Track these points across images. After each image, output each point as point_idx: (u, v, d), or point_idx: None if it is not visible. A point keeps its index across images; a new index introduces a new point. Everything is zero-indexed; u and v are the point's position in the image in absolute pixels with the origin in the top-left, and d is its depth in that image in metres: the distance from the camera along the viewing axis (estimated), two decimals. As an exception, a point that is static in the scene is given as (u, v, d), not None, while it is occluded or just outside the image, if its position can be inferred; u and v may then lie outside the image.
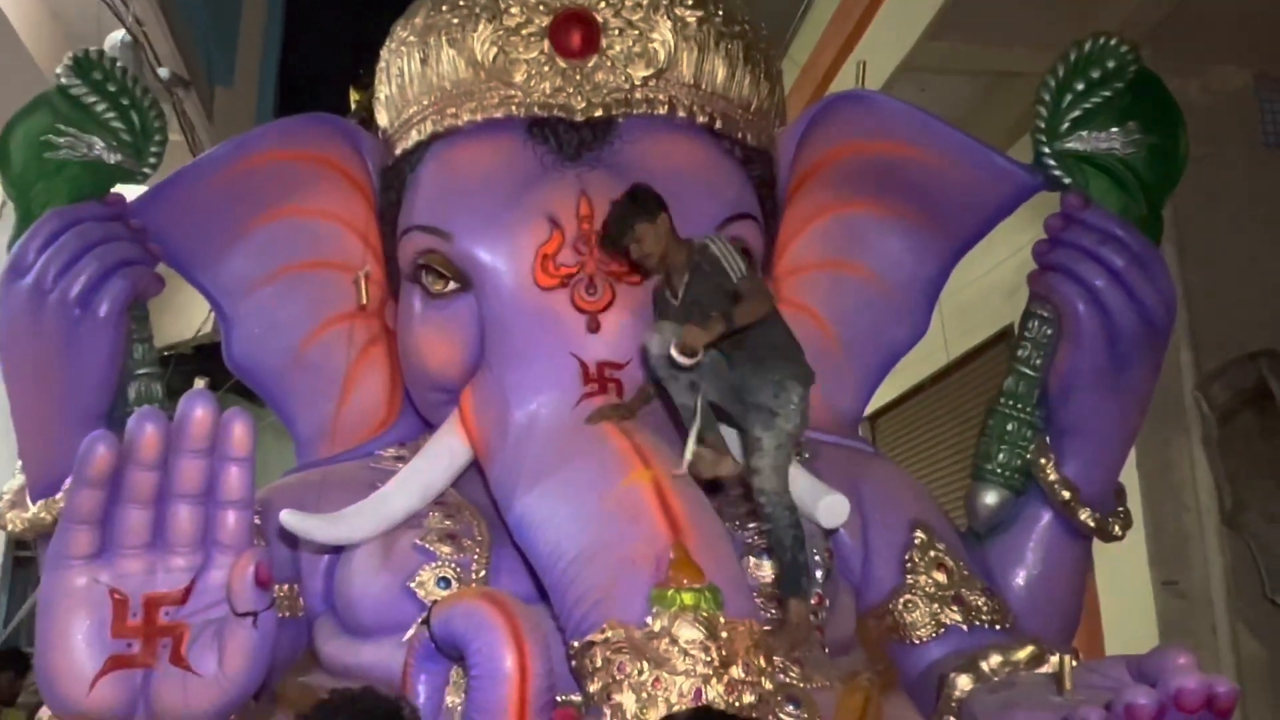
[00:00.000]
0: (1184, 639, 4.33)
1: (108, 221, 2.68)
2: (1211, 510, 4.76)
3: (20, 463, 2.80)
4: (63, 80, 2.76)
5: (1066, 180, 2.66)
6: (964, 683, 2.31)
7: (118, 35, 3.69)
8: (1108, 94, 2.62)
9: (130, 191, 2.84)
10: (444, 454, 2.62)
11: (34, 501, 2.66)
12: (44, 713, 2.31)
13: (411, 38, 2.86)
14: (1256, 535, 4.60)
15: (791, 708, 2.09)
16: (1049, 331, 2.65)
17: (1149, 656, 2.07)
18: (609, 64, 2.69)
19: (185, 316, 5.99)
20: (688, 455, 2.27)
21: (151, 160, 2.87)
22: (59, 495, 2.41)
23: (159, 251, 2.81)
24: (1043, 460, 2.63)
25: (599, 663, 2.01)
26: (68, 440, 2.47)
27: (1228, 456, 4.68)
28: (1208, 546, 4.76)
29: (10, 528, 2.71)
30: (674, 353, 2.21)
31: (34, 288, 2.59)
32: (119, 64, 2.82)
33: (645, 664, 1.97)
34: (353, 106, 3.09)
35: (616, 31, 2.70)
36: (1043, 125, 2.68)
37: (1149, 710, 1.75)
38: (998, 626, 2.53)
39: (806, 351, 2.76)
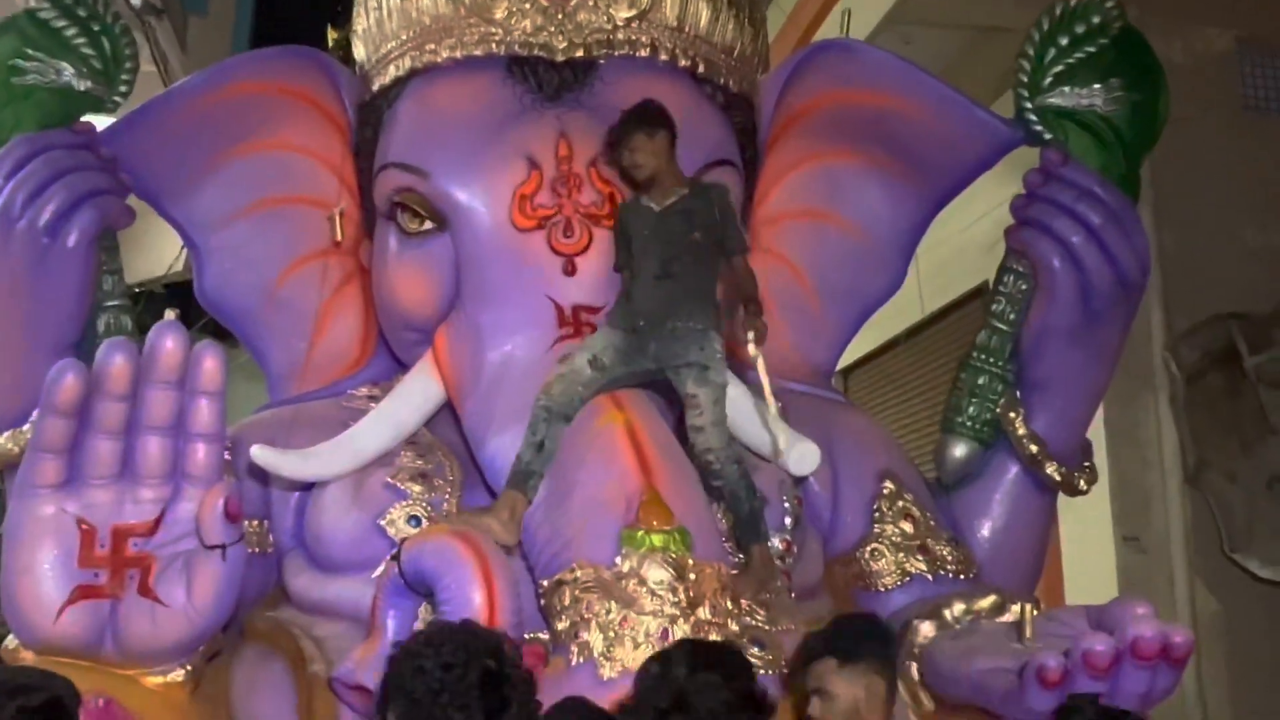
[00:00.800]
0: (1143, 592, 4.32)
1: (77, 150, 2.65)
2: (1175, 468, 4.86)
3: None
4: (32, 3, 2.74)
5: (1047, 136, 2.68)
6: (927, 630, 2.38)
7: None
8: (1091, 50, 2.65)
9: (100, 121, 2.82)
10: (417, 393, 2.63)
11: (2, 431, 2.65)
12: (10, 641, 2.34)
13: None
14: (1217, 493, 4.70)
15: (756, 649, 2.08)
16: (1024, 287, 2.68)
17: (1108, 607, 2.16)
18: (591, 3, 2.68)
19: (156, 252, 5.91)
20: None
21: (122, 89, 2.84)
22: (26, 426, 2.42)
23: (129, 182, 2.77)
24: (1012, 414, 2.67)
25: (567, 601, 2.06)
26: (35, 371, 2.46)
27: (1193, 416, 4.76)
28: (1170, 503, 4.87)
29: None
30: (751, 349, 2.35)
31: (8, 218, 2.57)
32: None
33: (613, 604, 2.01)
34: (330, 44, 2.99)
35: None
36: (1025, 80, 2.71)
37: (1105, 657, 1.86)
38: (962, 576, 2.59)
39: (783, 302, 2.89)
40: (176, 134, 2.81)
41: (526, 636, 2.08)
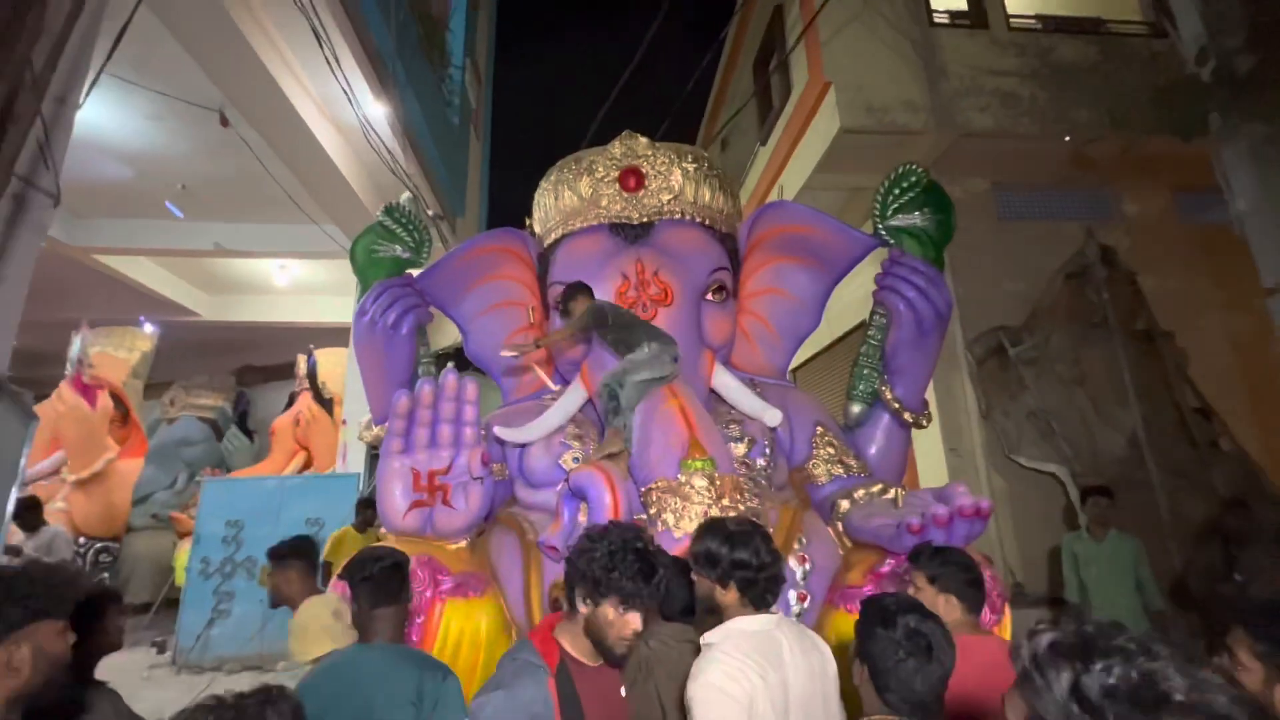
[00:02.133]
0: (961, 480, 4.45)
1: (404, 287, 2.95)
2: (974, 410, 5.20)
3: (369, 407, 3.04)
4: (381, 217, 3.08)
5: (891, 241, 2.92)
6: (844, 504, 2.53)
7: (405, 194, 3.86)
8: (912, 194, 2.87)
9: (414, 271, 3.09)
10: (574, 395, 2.80)
11: (376, 426, 2.93)
12: (383, 530, 2.49)
13: (549, 185, 3.13)
14: (997, 423, 5.03)
15: (754, 519, 2.10)
16: (884, 321, 2.89)
17: (943, 489, 2.31)
18: (650, 193, 2.92)
19: (445, 333, 6.11)
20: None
21: (425, 255, 3.15)
22: (385, 423, 2.61)
23: (430, 300, 3.07)
24: (883, 387, 2.85)
25: (654, 499, 2.16)
26: (388, 396, 2.70)
27: (982, 383, 5.13)
28: (973, 430, 5.14)
29: (365, 439, 3.01)
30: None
31: (370, 321, 2.86)
32: (406, 208, 3.13)
33: (677, 499, 2.11)
34: (528, 223, 3.21)
35: (653, 177, 2.97)
36: (878, 210, 2.96)
37: (944, 516, 1.92)
38: (862, 475, 2.73)
39: (758, 336, 3.09)
40: (452, 275, 3.08)
41: (634, 518, 2.13)
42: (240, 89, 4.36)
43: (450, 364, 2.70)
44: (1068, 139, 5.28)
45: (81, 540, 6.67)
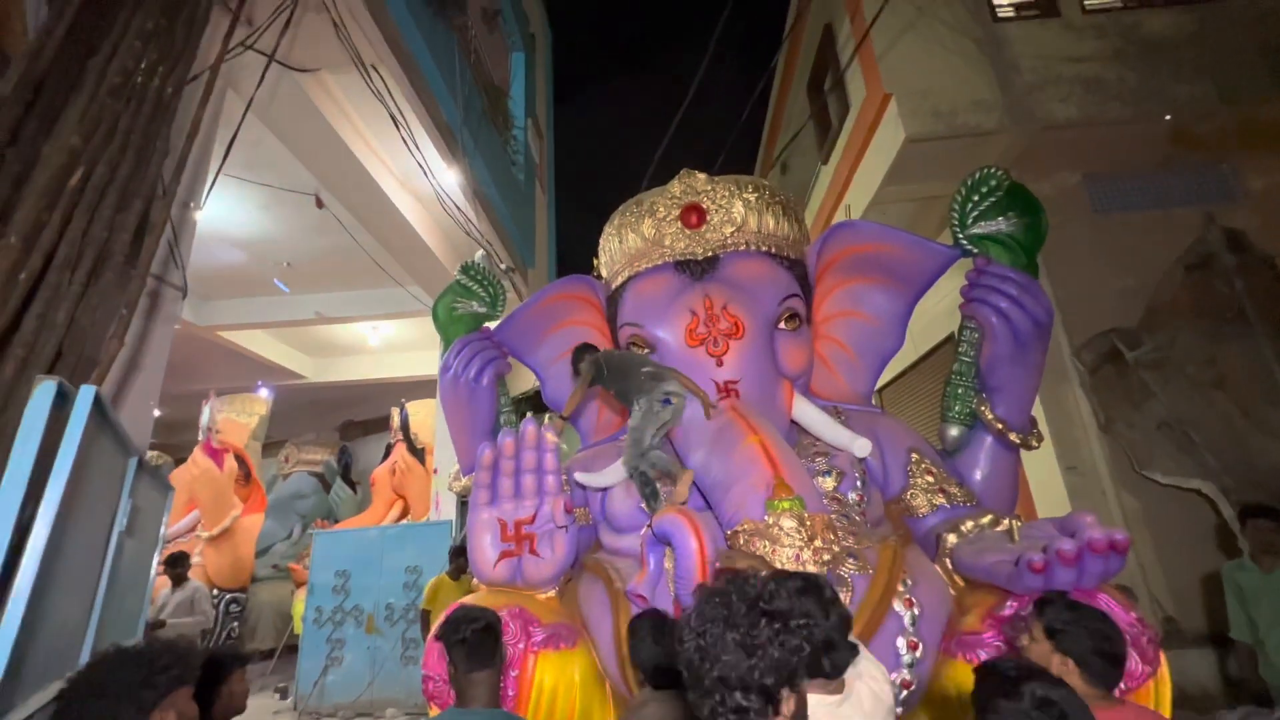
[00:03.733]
0: (1083, 503, 4.23)
1: (483, 340, 3.05)
2: (1091, 424, 4.65)
3: (456, 458, 3.15)
4: (458, 276, 3.23)
5: (975, 250, 2.72)
6: (951, 539, 2.34)
7: (479, 252, 4.07)
8: (992, 199, 2.71)
9: (492, 325, 3.21)
10: None
11: (464, 476, 3.01)
12: (474, 580, 2.54)
13: (613, 230, 3.14)
14: (1121, 435, 4.47)
15: (851, 560, 2.08)
16: (976, 335, 2.68)
17: (1067, 518, 2.08)
18: (712, 228, 2.87)
19: (523, 380, 6.29)
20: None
21: (500, 309, 3.24)
22: (472, 474, 2.62)
23: (508, 350, 3.15)
24: (983, 407, 2.63)
25: (741, 542, 2.03)
26: (474, 447, 2.78)
27: (1098, 392, 4.60)
28: (1093, 445, 4.47)
29: (455, 490, 3.09)
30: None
31: (453, 376, 2.97)
32: (481, 265, 3.29)
33: (766, 542, 1.99)
34: (595, 266, 3.28)
35: (714, 211, 2.89)
36: (956, 220, 2.77)
37: (1072, 553, 1.70)
38: (968, 504, 2.51)
39: (837, 362, 2.94)
40: (526, 325, 3.16)
41: (718, 565, 1.97)
42: (331, 173, 4.85)
43: (529, 413, 2.76)
44: (1169, 118, 4.83)
45: (215, 592, 7.22)
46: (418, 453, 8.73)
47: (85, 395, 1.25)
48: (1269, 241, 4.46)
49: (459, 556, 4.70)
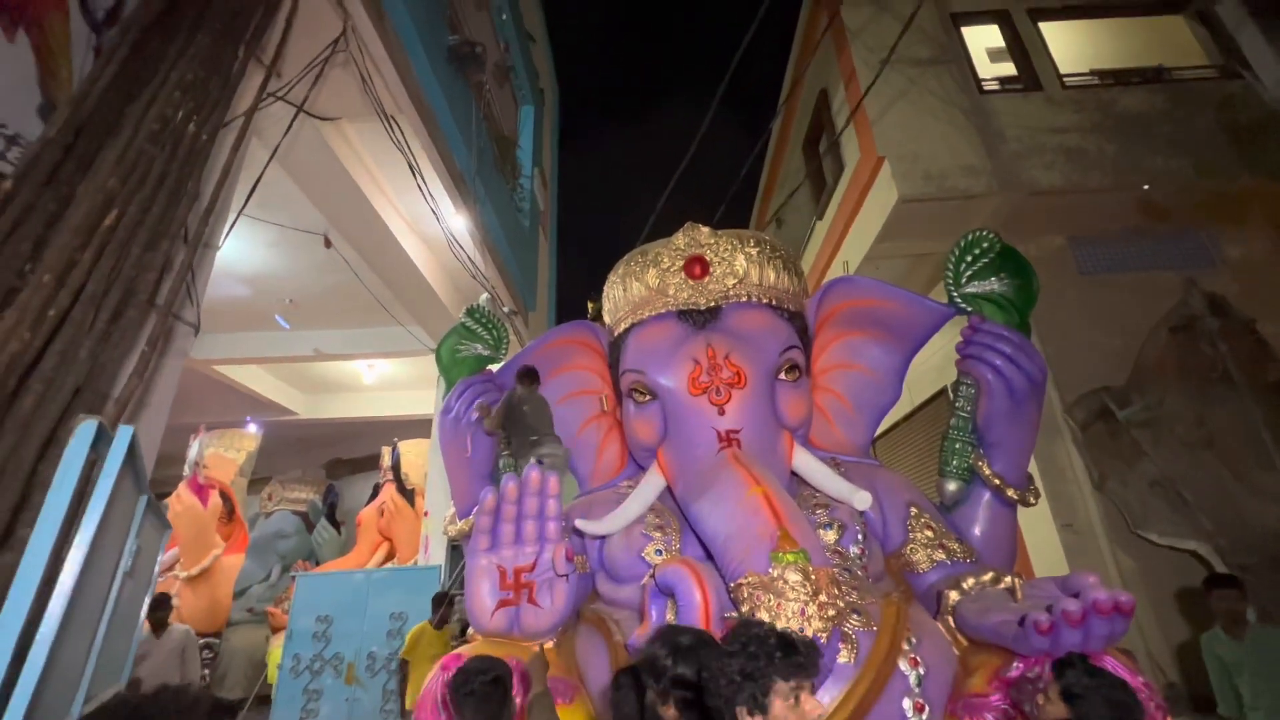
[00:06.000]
0: (1081, 561, 4.25)
1: (486, 383, 3.06)
2: (1085, 481, 4.70)
3: (452, 500, 3.10)
4: (463, 318, 3.23)
5: (969, 309, 2.78)
6: (953, 596, 2.32)
7: (483, 295, 4.13)
8: (985, 260, 2.78)
9: (495, 367, 3.21)
10: (652, 484, 2.71)
11: (460, 520, 2.96)
12: (471, 630, 2.50)
13: (616, 278, 3.18)
14: (1115, 493, 4.49)
15: (855, 616, 2.09)
16: (972, 391, 2.70)
17: (1070, 578, 2.01)
18: (715, 279, 2.91)
19: None
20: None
21: (503, 352, 3.25)
22: (471, 517, 2.59)
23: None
24: (980, 463, 2.63)
25: (745, 595, 2.01)
26: (472, 490, 2.83)
27: (1091, 450, 4.66)
28: (1088, 503, 4.52)
29: (449, 534, 3.02)
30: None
31: (454, 418, 2.95)
32: (485, 308, 3.29)
33: (771, 595, 1.96)
34: (589, 309, 3.34)
35: (717, 263, 2.93)
36: (950, 280, 2.82)
37: (1077, 614, 1.68)
38: (968, 560, 2.49)
39: (835, 413, 2.99)
40: None
41: (725, 616, 2.02)
42: (342, 215, 4.97)
43: (535, 461, 2.73)
44: (1146, 187, 5.08)
45: (188, 637, 7.07)
46: (407, 494, 8.56)
47: (123, 435, 1.26)
48: (1248, 307, 4.65)
49: (442, 604, 4.57)
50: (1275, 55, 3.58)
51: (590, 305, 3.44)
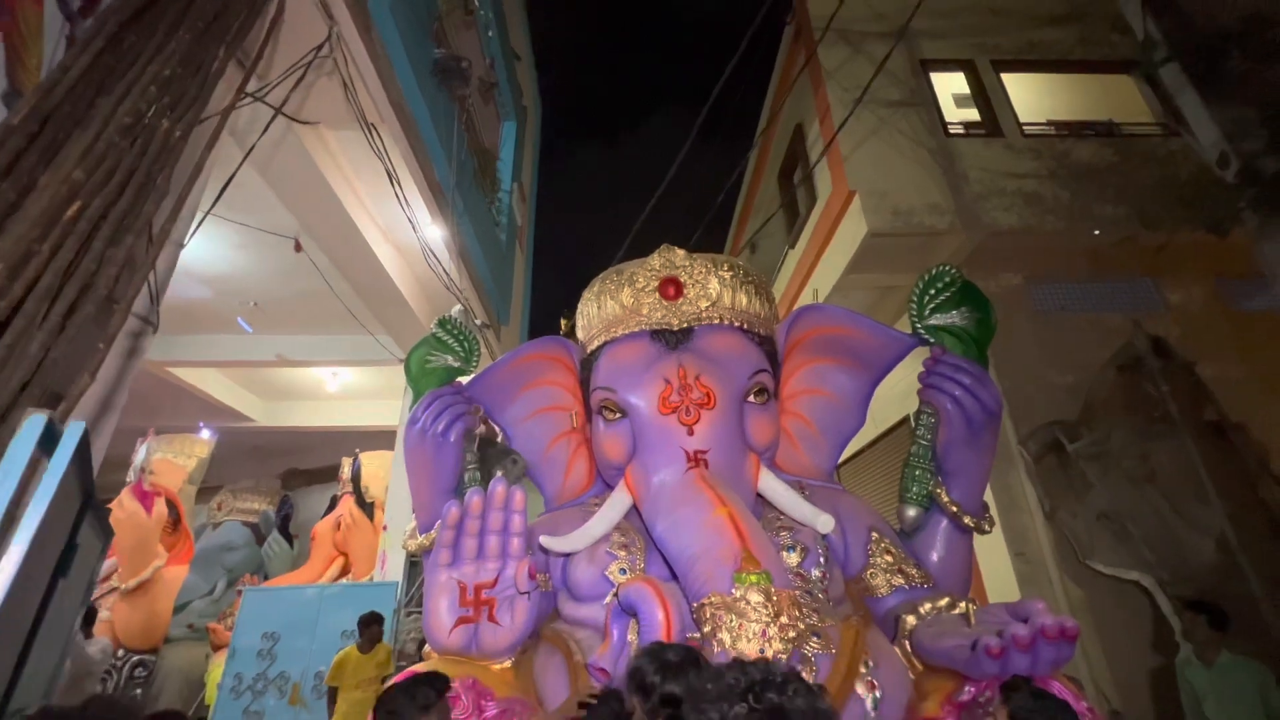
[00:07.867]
0: (1032, 589, 4.39)
1: (454, 395, 2.96)
2: (1037, 511, 4.88)
3: (414, 514, 3.01)
4: (434, 329, 3.13)
5: (931, 339, 2.85)
6: (910, 620, 2.36)
7: (456, 307, 4.09)
8: (947, 294, 2.85)
9: (464, 379, 3.11)
10: (619, 502, 2.68)
11: (421, 534, 2.86)
12: (427, 648, 2.46)
13: (591, 296, 3.17)
14: (1064, 523, 4.70)
15: (815, 639, 2.07)
16: (932, 420, 2.75)
17: (1020, 604, 2.09)
18: (688, 301, 2.93)
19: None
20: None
21: (474, 365, 3.17)
22: (432, 531, 2.62)
23: (478, 407, 3.06)
24: (939, 490, 2.68)
25: (708, 615, 2.01)
26: (436, 503, 2.74)
27: (1043, 481, 4.85)
28: (1039, 532, 4.75)
29: (408, 548, 2.92)
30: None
31: (420, 429, 2.82)
32: (458, 320, 3.22)
33: (733, 616, 1.96)
34: (562, 326, 3.34)
35: (690, 285, 2.96)
36: (914, 311, 2.89)
37: (1025, 638, 1.76)
38: (926, 585, 2.54)
39: (801, 437, 3.02)
40: (499, 382, 3.11)
41: (687, 636, 2.02)
42: (315, 220, 4.89)
43: (498, 471, 2.69)
44: (1097, 233, 5.38)
45: (119, 653, 6.51)
46: (366, 507, 8.28)
47: (74, 431, 1.21)
48: (1188, 349, 4.93)
49: (370, 626, 4.43)
50: (1210, 119, 3.87)
51: (564, 322, 3.48)
